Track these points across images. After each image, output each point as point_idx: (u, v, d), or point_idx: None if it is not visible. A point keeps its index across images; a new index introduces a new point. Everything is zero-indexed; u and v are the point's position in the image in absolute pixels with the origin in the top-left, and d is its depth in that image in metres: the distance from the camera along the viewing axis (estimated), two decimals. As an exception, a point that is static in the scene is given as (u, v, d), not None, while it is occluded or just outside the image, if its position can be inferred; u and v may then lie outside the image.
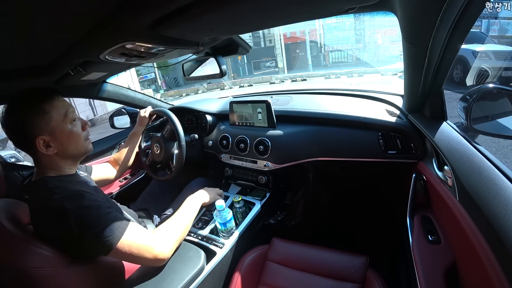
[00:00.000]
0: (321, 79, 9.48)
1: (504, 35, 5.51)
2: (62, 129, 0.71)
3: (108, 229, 0.63)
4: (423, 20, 0.56)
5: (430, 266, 0.68)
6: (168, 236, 0.73)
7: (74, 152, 0.75)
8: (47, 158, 0.70)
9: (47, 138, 0.68)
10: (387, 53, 11.16)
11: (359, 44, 12.54)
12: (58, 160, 0.72)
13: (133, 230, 0.67)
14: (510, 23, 5.87)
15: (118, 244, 0.63)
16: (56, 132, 0.70)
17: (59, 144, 0.70)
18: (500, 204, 0.49)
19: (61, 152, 0.71)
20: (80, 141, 0.75)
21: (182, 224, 0.79)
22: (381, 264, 0.92)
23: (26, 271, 0.59)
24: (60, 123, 0.70)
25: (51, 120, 0.69)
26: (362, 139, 1.05)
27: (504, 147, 2.17)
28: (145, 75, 12.83)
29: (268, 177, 1.26)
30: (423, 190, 0.88)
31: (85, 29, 0.58)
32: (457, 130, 0.78)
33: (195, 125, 1.48)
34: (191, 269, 0.77)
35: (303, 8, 0.62)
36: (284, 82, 9.84)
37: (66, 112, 0.72)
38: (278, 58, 12.43)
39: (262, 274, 0.91)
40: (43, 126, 0.68)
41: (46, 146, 0.69)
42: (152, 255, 0.67)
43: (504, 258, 0.45)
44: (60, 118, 0.70)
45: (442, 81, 0.78)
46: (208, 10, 0.54)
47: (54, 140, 0.69)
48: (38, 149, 0.68)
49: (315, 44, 13.14)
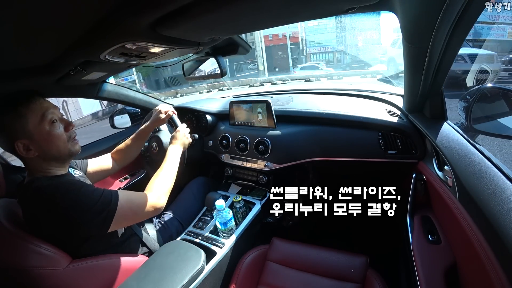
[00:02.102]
0: (301, 81, 9.21)
1: (478, 39, 5.65)
2: (40, 132, 0.69)
3: (103, 202, 0.67)
4: (423, 20, 0.56)
5: (430, 266, 0.68)
6: (161, 187, 0.81)
7: (56, 154, 0.72)
8: (31, 161, 0.70)
9: (25, 142, 0.67)
10: (368, 55, 11.24)
11: (341, 46, 12.62)
12: (42, 162, 0.71)
13: (126, 194, 0.73)
14: (484, 27, 6.07)
15: (118, 210, 0.68)
16: (34, 135, 0.68)
17: (38, 146, 0.69)
18: (500, 204, 0.49)
19: (42, 154, 0.70)
20: (60, 142, 0.72)
21: (170, 174, 0.87)
22: (381, 264, 0.92)
23: (26, 270, 0.60)
24: (36, 125, 0.68)
25: (27, 123, 0.67)
26: (362, 139, 1.05)
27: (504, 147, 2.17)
28: (125, 77, 12.56)
29: (268, 177, 1.26)
30: (423, 190, 0.88)
31: (85, 29, 0.58)
32: (457, 130, 0.78)
33: (195, 125, 1.48)
34: (191, 269, 0.77)
35: (303, 8, 0.62)
36: (263, 85, 9.60)
37: (44, 113, 0.70)
38: (259, 61, 12.40)
39: (262, 274, 0.91)
40: (19, 129, 0.66)
41: (26, 149, 0.68)
42: (152, 208, 0.76)
43: (504, 258, 0.45)
44: (37, 121, 0.69)
45: (442, 81, 0.78)
46: (208, 10, 0.54)
47: (33, 143, 0.68)
48: (18, 153, 0.67)
49: (296, 47, 13.14)
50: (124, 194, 0.73)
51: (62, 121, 0.75)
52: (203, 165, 1.58)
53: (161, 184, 0.82)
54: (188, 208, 1.18)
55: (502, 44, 6.30)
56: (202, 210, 1.16)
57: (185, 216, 1.14)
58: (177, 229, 1.08)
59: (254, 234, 1.09)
